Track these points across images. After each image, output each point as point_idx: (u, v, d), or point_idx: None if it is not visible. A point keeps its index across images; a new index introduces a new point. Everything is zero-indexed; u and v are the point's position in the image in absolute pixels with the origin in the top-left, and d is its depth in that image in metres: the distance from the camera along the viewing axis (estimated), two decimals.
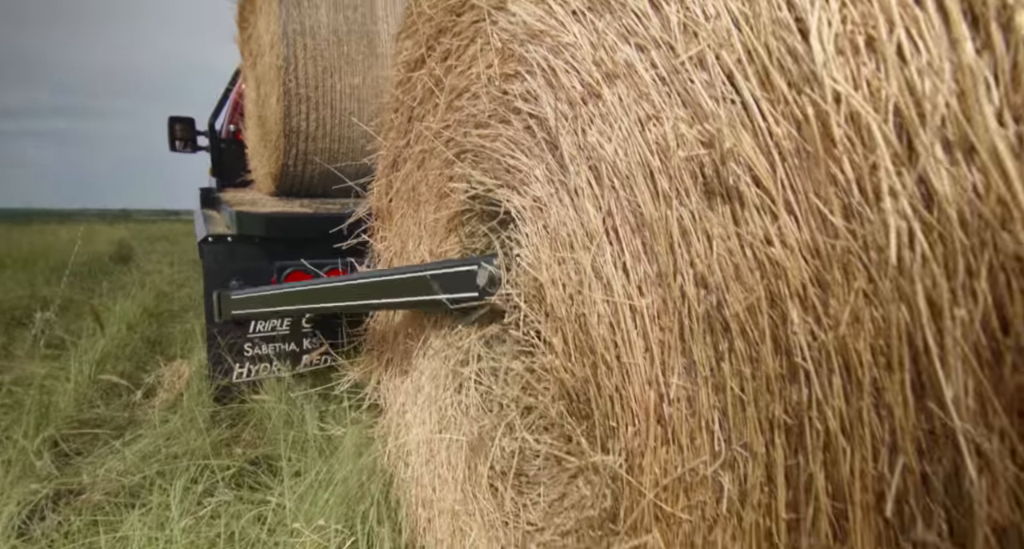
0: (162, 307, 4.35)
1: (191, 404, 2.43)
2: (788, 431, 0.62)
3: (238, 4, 4.52)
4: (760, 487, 0.65)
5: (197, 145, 6.29)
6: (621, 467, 0.84)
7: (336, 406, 2.31)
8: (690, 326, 0.72)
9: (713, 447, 0.71)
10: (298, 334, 2.97)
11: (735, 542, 0.68)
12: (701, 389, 0.72)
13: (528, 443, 1.10)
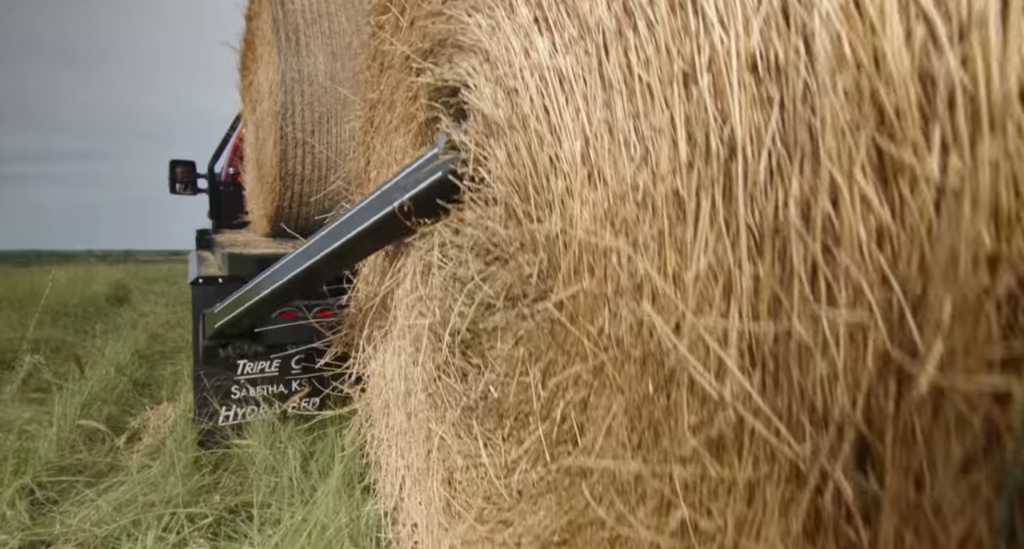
0: (153, 348, 4.32)
1: (173, 449, 2.37)
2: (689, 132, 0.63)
3: (240, 52, 4.67)
4: (672, 168, 0.66)
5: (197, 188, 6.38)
6: (557, 225, 0.84)
7: (320, 449, 2.26)
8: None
9: (629, 153, 0.71)
10: (286, 376, 2.93)
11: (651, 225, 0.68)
12: (616, 104, 0.73)
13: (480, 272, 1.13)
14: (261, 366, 2.89)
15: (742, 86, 0.57)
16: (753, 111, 0.57)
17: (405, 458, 1.48)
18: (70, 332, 4.78)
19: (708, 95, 0.60)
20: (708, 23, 0.60)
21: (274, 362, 2.90)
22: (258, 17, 4.26)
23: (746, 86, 0.57)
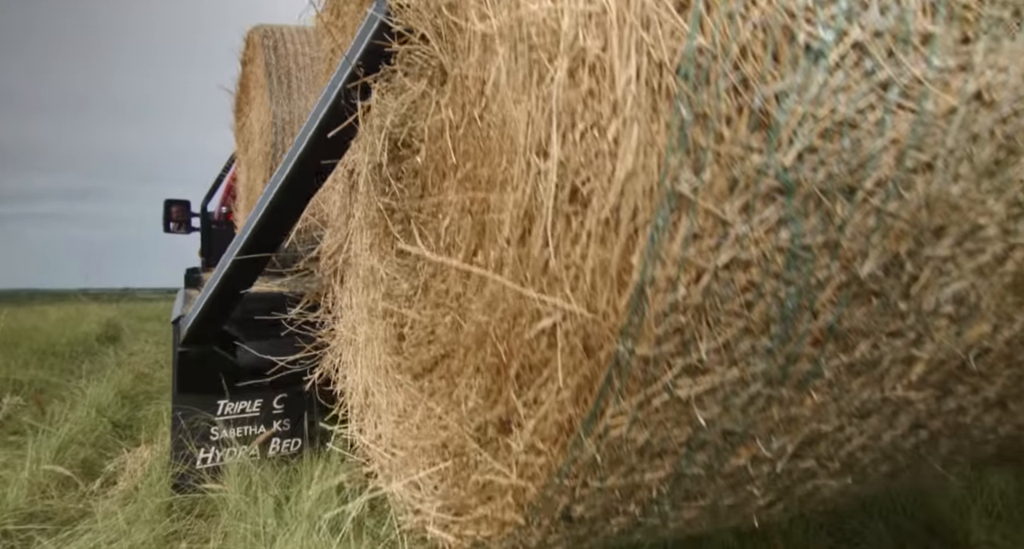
0: (138, 388, 4.26)
1: (147, 493, 2.31)
2: None
3: (235, 95, 4.77)
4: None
5: (191, 227, 6.42)
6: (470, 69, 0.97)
7: (296, 495, 2.20)
8: None
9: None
10: (268, 416, 2.88)
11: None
12: None
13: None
14: (242, 406, 2.84)
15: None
16: None
17: (369, 365, 1.58)
18: (55, 373, 4.72)
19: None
20: None
21: (255, 402, 2.85)
22: (252, 62, 4.38)
23: None
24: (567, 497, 0.82)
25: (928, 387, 0.82)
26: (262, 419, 2.86)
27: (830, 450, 0.86)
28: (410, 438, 1.29)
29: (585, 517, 0.86)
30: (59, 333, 6.19)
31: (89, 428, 3.16)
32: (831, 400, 0.79)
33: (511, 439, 0.87)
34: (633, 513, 0.88)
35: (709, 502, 0.91)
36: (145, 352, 5.82)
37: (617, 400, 0.71)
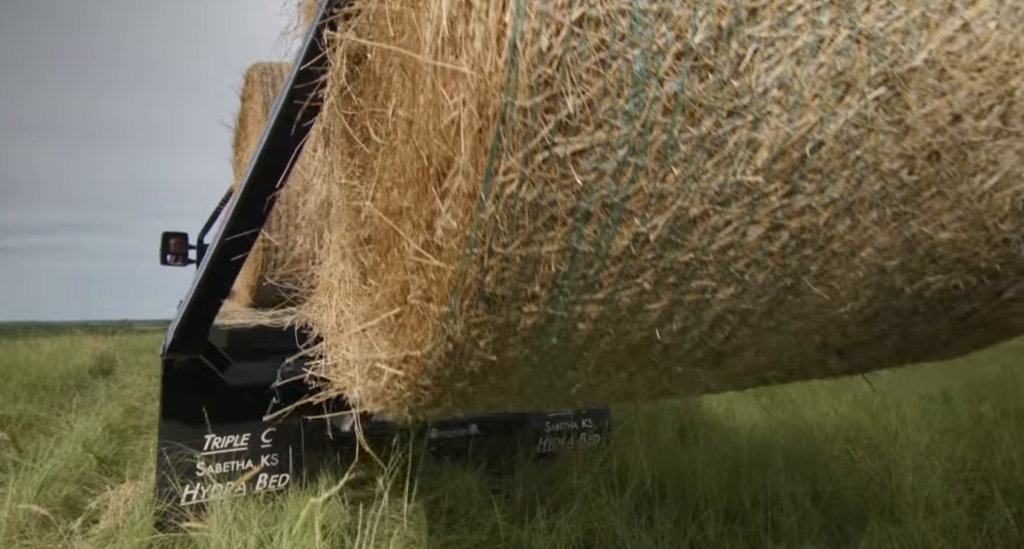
0: (127, 423, 4.21)
1: (128, 533, 2.26)
2: None
3: (234, 130, 4.84)
4: None
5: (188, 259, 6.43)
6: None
7: (280, 533, 2.15)
8: None
9: None
10: (256, 451, 2.83)
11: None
12: None
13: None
14: (229, 440, 2.80)
15: None
16: None
17: (341, 292, 1.70)
18: (44, 407, 4.66)
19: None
20: None
21: (242, 436, 2.81)
22: (251, 98, 4.46)
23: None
24: (477, 268, 0.92)
25: (775, 178, 0.93)
26: (249, 454, 2.81)
27: (703, 241, 0.95)
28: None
29: (498, 295, 0.95)
30: (51, 366, 6.15)
31: (74, 464, 3.10)
32: (691, 178, 0.90)
33: (434, 234, 1.00)
34: (540, 296, 0.96)
35: (606, 295, 0.98)
36: (137, 385, 5.77)
37: (506, 157, 0.83)
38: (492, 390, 1.21)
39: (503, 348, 1.04)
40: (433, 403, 1.20)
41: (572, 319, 1.00)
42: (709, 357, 1.19)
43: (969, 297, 1.24)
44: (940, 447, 2.99)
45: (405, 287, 1.16)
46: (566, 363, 1.14)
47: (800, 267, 1.03)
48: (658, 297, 1.00)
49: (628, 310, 1.01)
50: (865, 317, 1.21)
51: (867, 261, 1.06)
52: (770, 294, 1.06)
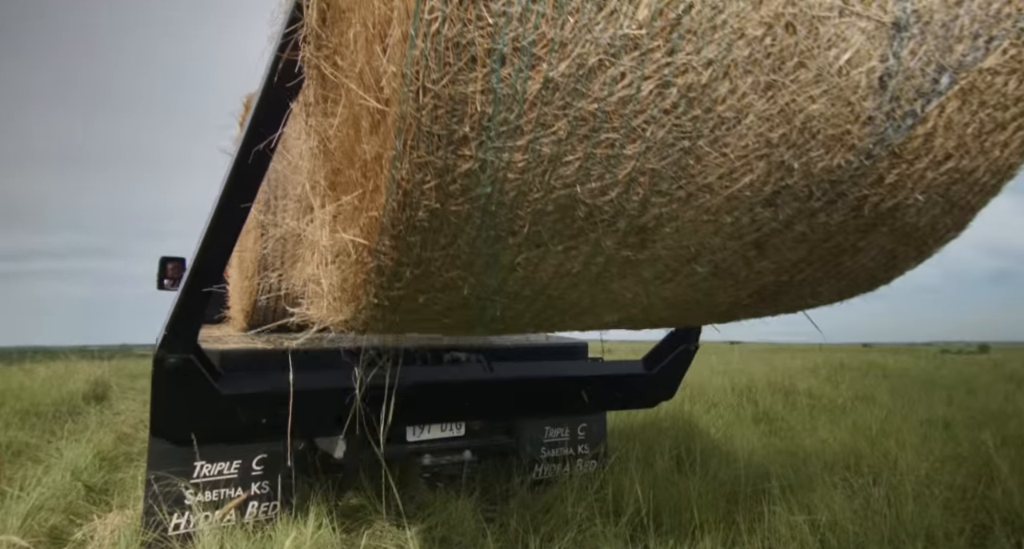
0: (119, 450, 4.15)
1: None
2: None
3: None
4: None
5: None
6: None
7: None
8: None
9: None
10: (247, 478, 2.79)
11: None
12: None
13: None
14: (219, 468, 2.76)
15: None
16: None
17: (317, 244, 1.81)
18: (36, 434, 4.61)
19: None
20: None
21: (233, 463, 2.77)
22: None
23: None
24: (414, 105, 1.06)
25: (657, 35, 1.08)
26: (239, 481, 2.77)
27: (604, 92, 1.09)
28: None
29: (434, 134, 1.08)
30: (45, 392, 6.10)
31: (62, 493, 3.05)
32: (585, 28, 1.04)
33: (381, 91, 1.17)
34: (471, 139, 1.09)
35: (527, 142, 1.12)
36: (131, 411, 5.71)
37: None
38: (446, 262, 1.31)
39: (445, 198, 1.17)
40: (394, 275, 1.32)
41: (501, 167, 1.14)
42: (633, 232, 1.32)
43: (856, 181, 1.33)
44: (940, 475, 2.95)
45: (364, 167, 1.33)
46: (504, 225, 1.25)
47: (694, 129, 1.17)
48: (573, 149, 1.15)
49: (549, 161, 1.15)
50: (766, 197, 1.31)
51: (753, 129, 1.20)
52: (672, 156, 1.20)
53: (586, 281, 1.46)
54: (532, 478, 3.28)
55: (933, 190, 1.40)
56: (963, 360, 14.28)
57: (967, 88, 1.27)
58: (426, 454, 2.77)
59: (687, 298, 1.67)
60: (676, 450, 3.02)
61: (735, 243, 1.42)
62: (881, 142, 1.27)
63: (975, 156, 1.37)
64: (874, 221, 1.45)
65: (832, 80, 1.18)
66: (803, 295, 1.75)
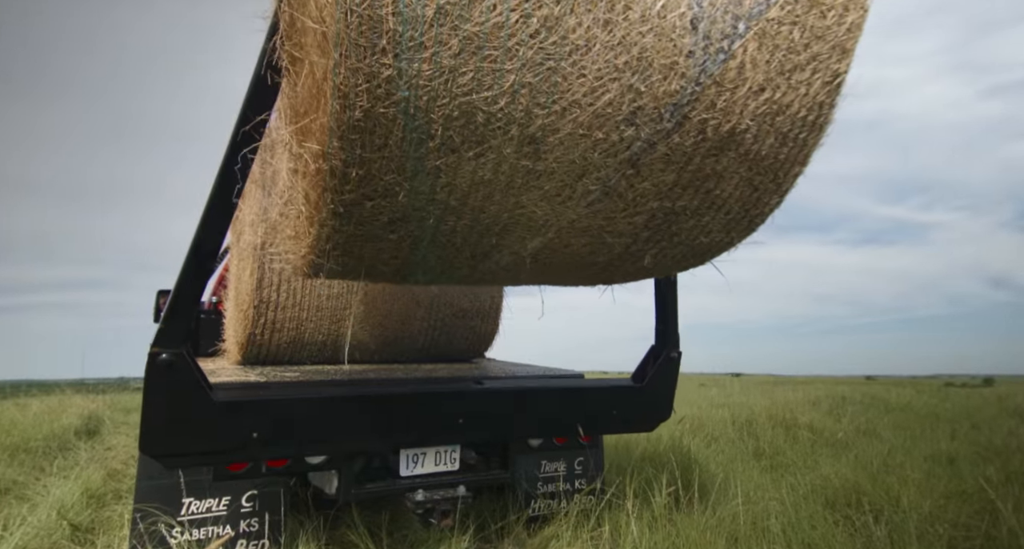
0: (108, 487, 4.06)
1: None
2: None
3: None
4: None
5: None
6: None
7: None
8: None
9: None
10: (236, 515, 2.74)
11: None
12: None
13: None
14: (208, 504, 2.71)
15: None
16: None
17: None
18: (24, 470, 4.53)
19: None
20: None
21: (222, 500, 2.72)
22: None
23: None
24: (344, 24, 1.36)
25: None
26: (228, 519, 2.71)
27: (483, 18, 1.41)
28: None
29: (360, 45, 1.38)
30: (36, 428, 6.01)
31: (46, 533, 2.98)
32: None
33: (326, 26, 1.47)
34: (388, 50, 1.39)
35: (431, 54, 1.42)
36: (122, 447, 5.62)
37: None
38: (383, 164, 1.57)
39: (375, 100, 1.45)
40: (344, 177, 1.58)
41: (413, 75, 1.43)
42: (525, 141, 1.61)
43: (693, 105, 1.66)
44: (944, 513, 2.89)
45: (317, 90, 1.62)
46: (423, 129, 1.52)
47: (555, 52, 1.49)
48: (466, 62, 1.44)
49: (449, 72, 1.44)
50: (625, 116, 1.63)
51: (602, 56, 1.53)
52: (542, 73, 1.50)
53: (499, 191, 1.73)
54: (528, 514, 3.21)
55: (760, 119, 1.74)
56: (967, 393, 14.12)
57: (760, 33, 1.64)
58: (419, 490, 2.72)
59: (591, 224, 1.94)
60: (674, 485, 2.97)
61: (612, 160, 1.72)
62: (704, 72, 1.63)
63: (786, 91, 1.73)
64: (720, 144, 1.76)
65: (654, 21, 1.55)
66: (693, 229, 2.04)
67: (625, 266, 2.24)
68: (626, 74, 1.56)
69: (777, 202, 2.04)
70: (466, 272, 2.17)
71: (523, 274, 2.26)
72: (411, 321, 4.11)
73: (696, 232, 2.06)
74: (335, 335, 3.95)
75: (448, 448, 2.87)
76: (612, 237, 2.01)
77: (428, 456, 2.83)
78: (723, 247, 2.21)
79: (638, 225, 1.97)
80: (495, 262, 2.09)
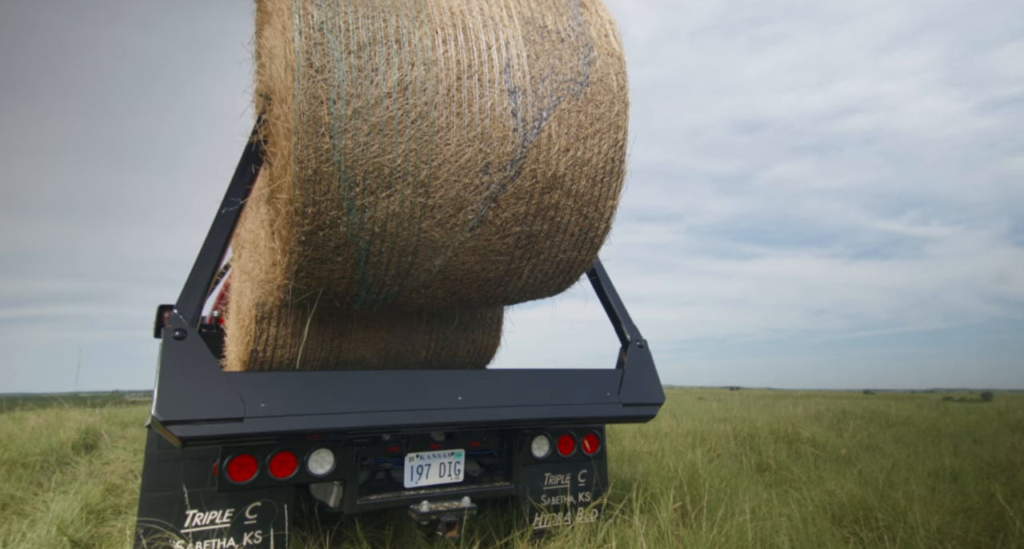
0: (107, 502, 4.03)
1: None
2: None
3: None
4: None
5: None
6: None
7: None
8: None
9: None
10: (239, 528, 2.72)
11: None
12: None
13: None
14: (211, 516, 2.69)
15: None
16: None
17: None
18: (22, 485, 4.49)
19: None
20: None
21: (225, 512, 2.70)
22: None
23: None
24: (302, 95, 2.12)
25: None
26: (232, 531, 2.69)
27: (382, 114, 2.23)
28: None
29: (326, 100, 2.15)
30: (33, 442, 5.96)
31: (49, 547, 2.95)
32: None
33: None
34: (327, 141, 2.14)
35: (352, 136, 2.16)
36: (120, 461, 5.57)
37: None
38: (328, 204, 2.25)
39: (319, 163, 2.19)
40: (303, 214, 2.23)
41: (342, 146, 2.20)
42: (419, 184, 2.33)
43: (525, 158, 2.46)
44: (952, 529, 2.87)
45: (283, 163, 2.29)
46: (352, 179, 2.25)
47: (429, 130, 2.32)
48: (373, 139, 2.23)
49: (365, 144, 2.24)
50: (481, 167, 2.40)
51: (458, 133, 2.35)
52: (423, 141, 2.30)
53: (406, 220, 2.36)
54: (533, 528, 3.19)
55: (571, 168, 2.53)
56: (966, 408, 14.09)
57: (559, 116, 2.49)
58: (424, 501, 2.70)
59: (476, 244, 2.55)
60: (681, 500, 2.95)
61: (479, 197, 2.41)
62: (526, 139, 2.43)
63: (584, 151, 2.54)
64: (549, 185, 2.51)
65: (488, 112, 2.37)
66: (551, 248, 2.71)
67: (514, 281, 2.84)
68: (476, 143, 2.35)
69: (605, 227, 2.75)
70: (396, 290, 2.69)
71: (439, 291, 2.79)
72: (413, 335, 4.10)
73: (554, 250, 2.74)
74: (337, 351, 3.94)
75: (452, 459, 2.86)
76: (495, 255, 2.64)
77: (432, 467, 2.82)
78: (580, 263, 2.86)
79: (511, 245, 2.62)
80: (415, 279, 2.63)
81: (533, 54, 2.54)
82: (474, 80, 2.38)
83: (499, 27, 2.55)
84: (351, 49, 2.24)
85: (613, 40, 2.79)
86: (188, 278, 2.44)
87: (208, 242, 2.52)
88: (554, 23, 2.69)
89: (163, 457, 2.74)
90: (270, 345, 3.78)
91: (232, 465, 2.50)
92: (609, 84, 2.66)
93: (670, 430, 7.12)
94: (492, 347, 4.39)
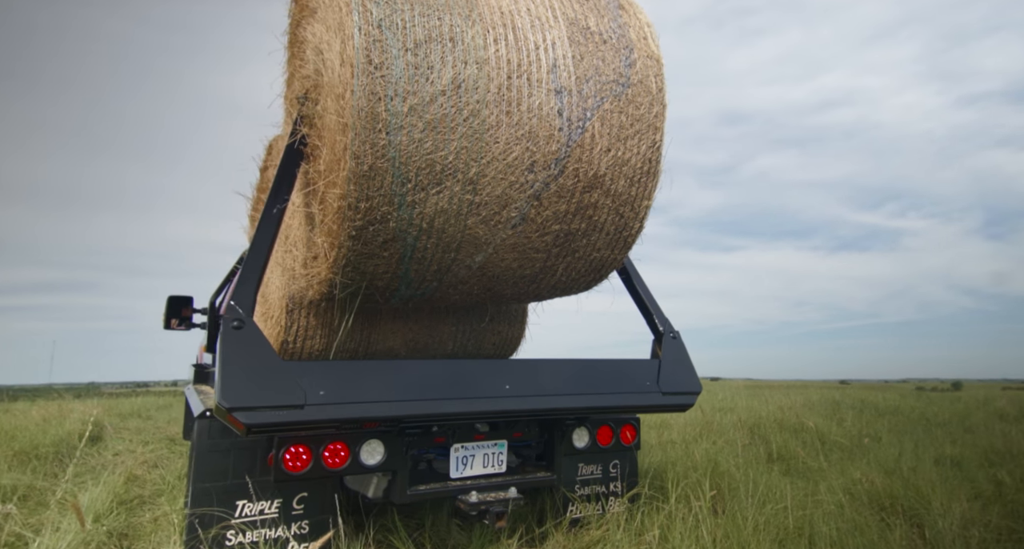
0: (132, 492, 4.02)
1: None
2: None
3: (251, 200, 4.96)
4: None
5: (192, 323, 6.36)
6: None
7: None
8: None
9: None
10: (287, 518, 2.75)
11: None
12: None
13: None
14: (260, 506, 2.71)
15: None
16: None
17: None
18: (40, 476, 4.45)
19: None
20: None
21: (274, 502, 2.73)
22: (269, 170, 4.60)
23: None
24: (358, 92, 2.18)
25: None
26: (280, 521, 2.73)
27: (436, 112, 2.28)
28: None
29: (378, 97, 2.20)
30: (41, 434, 5.89)
31: (87, 539, 2.95)
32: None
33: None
34: (384, 137, 2.22)
35: (408, 131, 2.25)
36: (134, 452, 5.54)
37: None
38: (380, 200, 2.30)
39: (374, 159, 2.23)
40: (355, 209, 2.29)
41: (397, 142, 2.26)
42: (468, 182, 2.38)
43: (568, 157, 2.54)
44: (974, 514, 3.00)
45: (337, 157, 2.37)
46: (404, 175, 2.30)
47: (480, 128, 2.37)
48: (427, 136, 2.28)
49: (419, 140, 2.28)
50: (527, 166, 2.47)
51: (508, 130, 2.41)
52: (474, 139, 2.35)
53: (453, 216, 2.43)
54: (568, 517, 3.26)
55: (612, 168, 2.61)
56: (941, 397, 14.51)
57: (602, 116, 2.57)
58: (472, 491, 2.75)
59: (517, 242, 2.63)
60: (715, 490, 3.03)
61: (523, 195, 2.49)
62: (571, 139, 2.50)
63: (624, 151, 2.63)
64: (590, 184, 2.59)
65: (536, 111, 2.43)
66: (587, 247, 2.80)
67: (547, 279, 2.93)
68: (523, 141, 2.42)
69: (639, 227, 2.86)
70: (435, 285, 2.76)
71: (475, 288, 2.85)
72: (440, 326, 4.13)
73: (589, 249, 2.83)
74: (367, 342, 3.96)
75: (496, 449, 2.92)
76: (533, 252, 2.73)
77: (477, 457, 2.87)
78: (612, 262, 2.95)
79: (548, 243, 2.71)
80: (454, 275, 2.70)
81: (578, 55, 2.59)
82: (523, 79, 2.43)
83: (546, 27, 2.59)
84: (408, 46, 2.26)
85: (652, 42, 2.85)
86: (240, 273, 2.47)
87: (258, 238, 2.55)
88: (596, 25, 2.74)
89: (213, 448, 2.75)
90: (300, 335, 3.78)
91: (287, 455, 2.52)
92: (649, 86, 2.73)
93: (674, 420, 7.24)
94: (517, 339, 4.44)
